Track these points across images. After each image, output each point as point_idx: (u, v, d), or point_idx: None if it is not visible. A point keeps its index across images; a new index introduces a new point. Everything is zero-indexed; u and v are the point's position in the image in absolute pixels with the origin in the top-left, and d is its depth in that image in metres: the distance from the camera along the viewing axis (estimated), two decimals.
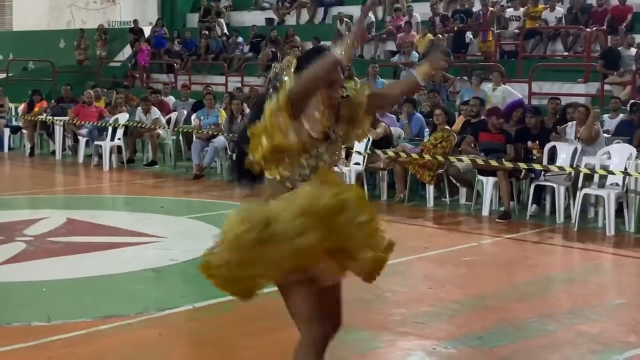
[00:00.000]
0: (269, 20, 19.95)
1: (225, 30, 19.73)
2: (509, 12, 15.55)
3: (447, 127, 9.83)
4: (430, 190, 9.65)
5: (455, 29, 15.47)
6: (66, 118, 13.83)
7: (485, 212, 9.06)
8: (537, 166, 8.64)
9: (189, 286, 6.11)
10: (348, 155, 10.00)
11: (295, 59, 3.34)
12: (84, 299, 5.68)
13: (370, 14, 17.56)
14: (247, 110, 12.06)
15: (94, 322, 4.99)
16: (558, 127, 9.48)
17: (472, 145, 9.39)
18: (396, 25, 16.68)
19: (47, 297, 5.69)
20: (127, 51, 20.92)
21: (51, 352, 4.52)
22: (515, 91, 12.08)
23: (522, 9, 15.37)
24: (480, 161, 8.90)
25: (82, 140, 13.31)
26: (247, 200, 3.24)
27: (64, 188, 11.71)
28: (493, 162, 8.77)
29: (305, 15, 19.61)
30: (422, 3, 17.19)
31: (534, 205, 8.99)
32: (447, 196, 9.80)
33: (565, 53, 14.63)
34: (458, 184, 9.77)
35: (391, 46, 16.86)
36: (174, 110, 13.98)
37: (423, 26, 15.95)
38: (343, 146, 3.44)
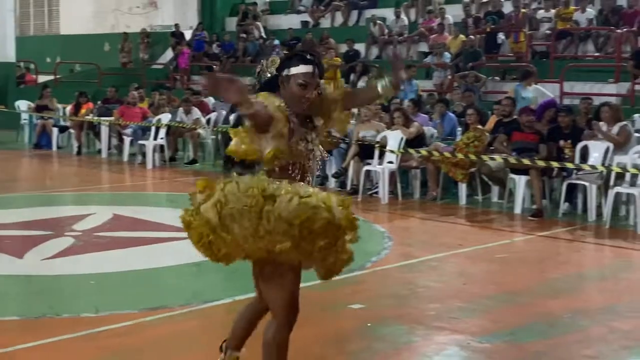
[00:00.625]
0: (305, 23, 19.97)
1: (263, 33, 19.80)
2: (540, 13, 15.39)
3: (480, 126, 9.75)
4: (463, 188, 9.58)
5: (488, 30, 15.33)
6: (111, 118, 13.97)
7: (517, 210, 8.97)
8: (569, 165, 8.53)
9: (229, 280, 6.13)
10: (382, 154, 9.97)
11: (279, 59, 3.49)
12: (130, 291, 5.73)
13: (403, 16, 17.52)
14: None
15: (139, 314, 5.03)
16: (593, 121, 9.30)
17: (504, 144, 9.30)
18: (428, 27, 16.60)
19: (94, 290, 5.74)
20: (169, 54, 21.08)
21: (99, 342, 4.56)
22: (547, 91, 11.96)
23: (553, 10, 15.19)
24: (512, 160, 8.82)
25: (127, 140, 13.44)
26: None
27: (109, 185, 11.83)
28: (525, 161, 8.68)
29: (339, 18, 19.60)
30: (455, 5, 17.09)
31: (566, 204, 8.88)
32: (480, 194, 9.72)
33: (596, 54, 14.45)
34: (490, 183, 9.68)
35: (423, 47, 16.79)
36: (214, 111, 14.06)
37: (455, 27, 15.84)
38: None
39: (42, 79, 20.90)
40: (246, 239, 3.11)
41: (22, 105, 16.83)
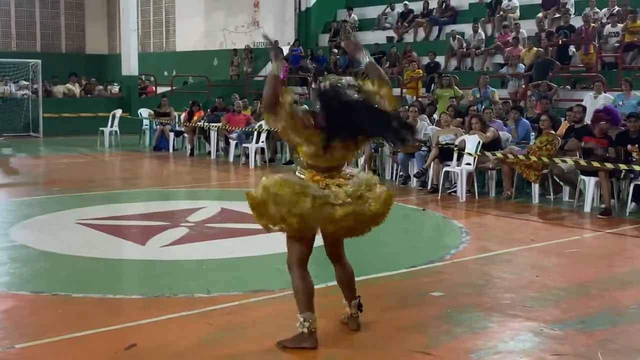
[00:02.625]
0: (390, 39, 19.89)
1: None
2: (608, 28, 14.85)
3: (552, 131, 9.50)
4: (536, 188, 9.36)
5: (560, 42, 14.91)
6: (219, 124, 14.30)
7: (587, 208, 8.70)
8: (636, 167, 8.23)
9: (322, 267, 6.12)
10: (460, 156, 9.85)
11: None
12: (237, 275, 5.84)
13: (480, 31, 17.22)
14: None
15: (245, 295, 5.12)
16: None
17: (576, 147, 9.04)
18: (504, 40, 16.27)
19: (206, 273, 5.86)
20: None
21: (211, 319, 4.66)
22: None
23: (620, 25, 14.65)
24: (583, 162, 8.56)
25: (233, 143, 13.73)
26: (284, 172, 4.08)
27: (217, 183, 12.10)
28: (595, 164, 8.41)
29: (421, 33, 19.43)
30: (529, 20, 16.69)
31: (633, 203, 8.56)
32: (551, 194, 9.47)
33: None
34: (562, 183, 9.42)
35: (499, 59, 16.47)
36: None
37: (529, 41, 15.47)
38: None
39: (160, 90, 21.56)
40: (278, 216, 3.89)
41: (144, 112, 17.42)
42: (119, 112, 17.21)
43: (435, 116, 12.34)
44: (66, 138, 18.00)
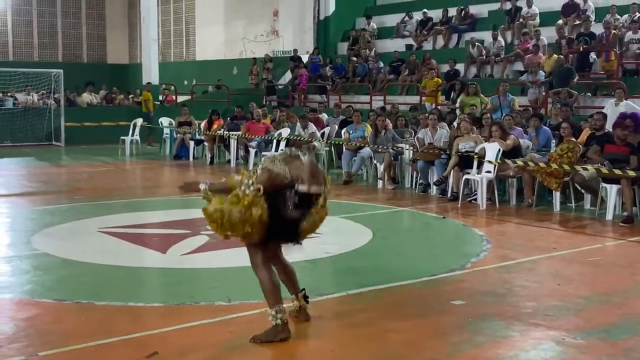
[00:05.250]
0: (409, 46, 19.89)
1: (370, 56, 19.84)
2: (629, 35, 14.73)
3: (573, 139, 9.44)
4: (557, 196, 9.29)
5: (580, 49, 14.81)
6: (239, 133, 14.36)
7: (609, 216, 8.61)
8: None
9: (342, 276, 6.18)
10: (480, 164, 9.80)
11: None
12: (257, 283, 5.81)
13: (500, 38, 17.15)
14: (390, 126, 12.11)
15: (265, 304, 5.02)
16: None
17: (598, 155, 8.97)
18: (524, 47, 16.21)
19: (227, 281, 5.87)
20: (288, 76, 21.46)
21: (231, 327, 4.66)
22: (638, 106, 11.44)
23: None
24: (604, 170, 8.48)
25: (252, 151, 13.77)
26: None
27: None
28: (617, 171, 8.33)
29: (440, 41, 19.40)
30: (549, 27, 16.62)
31: None
32: (573, 202, 9.39)
33: None
34: (583, 191, 9.34)
35: (518, 66, 16.40)
36: (327, 126, 14.21)
37: (549, 48, 15.39)
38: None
39: (180, 99, 21.71)
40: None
41: (165, 121, 17.54)
42: (140, 121, 17.35)
43: (455, 124, 12.30)
44: (88, 147, 18.17)
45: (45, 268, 6.25)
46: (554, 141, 10.25)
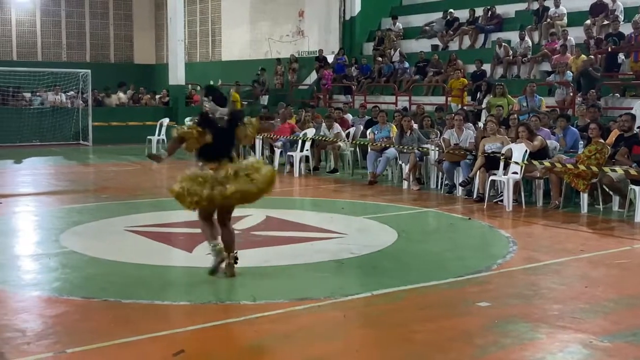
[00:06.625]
0: (435, 47, 19.79)
1: (396, 56, 19.78)
2: None
3: (601, 140, 9.33)
4: (585, 197, 9.19)
5: (609, 50, 14.63)
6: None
7: (637, 218, 8.50)
8: None
9: (368, 276, 6.17)
10: (507, 165, 9.73)
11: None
12: (282, 283, 5.85)
13: (527, 38, 17.00)
14: (415, 126, 12.07)
15: (290, 303, 5.13)
16: None
17: (626, 156, 8.85)
18: (551, 48, 16.05)
19: (252, 281, 5.87)
20: (313, 76, 21.47)
21: (256, 326, 4.69)
22: None
23: None
24: (633, 171, 8.37)
25: (277, 151, 13.80)
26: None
27: None
28: None
29: (467, 41, 19.28)
30: (577, 27, 16.44)
31: None
32: (601, 203, 9.29)
33: None
34: (611, 193, 9.23)
35: (546, 67, 16.24)
36: (352, 126, 14.19)
37: (577, 48, 15.23)
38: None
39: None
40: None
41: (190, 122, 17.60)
42: (166, 121, 17.46)
43: (480, 124, 12.22)
44: (115, 146, 18.36)
45: (73, 266, 6.33)
46: (582, 142, 10.14)
